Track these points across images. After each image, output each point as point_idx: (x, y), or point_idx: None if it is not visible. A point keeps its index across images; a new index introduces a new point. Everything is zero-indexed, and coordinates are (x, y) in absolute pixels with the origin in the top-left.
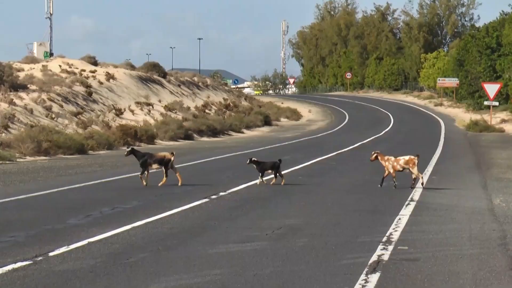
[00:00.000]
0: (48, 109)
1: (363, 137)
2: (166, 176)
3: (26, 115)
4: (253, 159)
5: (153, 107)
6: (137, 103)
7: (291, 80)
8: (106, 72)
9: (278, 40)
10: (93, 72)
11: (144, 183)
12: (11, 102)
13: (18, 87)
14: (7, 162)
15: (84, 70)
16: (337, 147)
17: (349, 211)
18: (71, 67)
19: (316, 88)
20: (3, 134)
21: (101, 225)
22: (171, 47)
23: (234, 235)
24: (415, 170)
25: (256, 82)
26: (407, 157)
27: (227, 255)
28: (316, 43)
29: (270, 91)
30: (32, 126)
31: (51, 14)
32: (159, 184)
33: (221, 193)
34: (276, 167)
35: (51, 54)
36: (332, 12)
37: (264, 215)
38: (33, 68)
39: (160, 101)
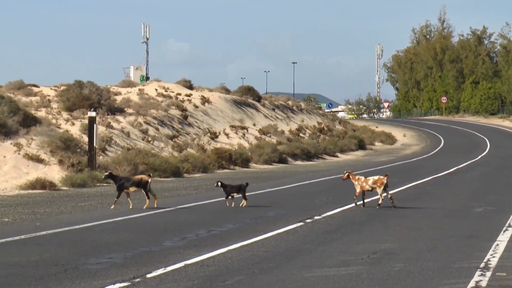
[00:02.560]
0: (145, 132)
1: (459, 161)
2: (148, 197)
3: (123, 138)
4: (219, 182)
5: (247, 131)
6: (232, 126)
7: (386, 104)
8: (201, 95)
9: (373, 63)
10: (189, 95)
11: (113, 206)
12: (109, 125)
13: (116, 110)
14: (105, 184)
15: (179, 94)
16: (432, 171)
17: (445, 236)
18: (167, 91)
19: (411, 112)
20: (101, 157)
21: (197, 247)
22: (265, 71)
23: (330, 259)
24: (379, 190)
25: (350, 106)
26: (376, 177)
27: (323, 279)
28: (411, 66)
29: (364, 115)
30: (129, 149)
31: (147, 39)
32: (144, 207)
33: (316, 217)
34: (242, 190)
35: (147, 78)
36: (427, 36)
37: (359, 239)
38: (130, 92)
39: (254, 124)
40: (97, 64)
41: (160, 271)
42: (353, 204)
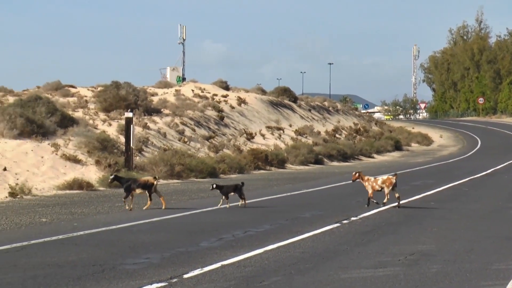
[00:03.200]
0: (181, 133)
1: (496, 163)
2: (150, 199)
3: (160, 138)
4: (215, 185)
5: (283, 132)
6: (268, 127)
7: (422, 105)
8: (238, 96)
9: (409, 64)
10: (225, 96)
11: (127, 207)
12: (145, 126)
13: (152, 111)
14: None
15: (216, 95)
16: (470, 172)
17: (483, 237)
18: (203, 92)
19: (448, 113)
20: (137, 157)
21: (233, 248)
22: (301, 72)
23: (366, 260)
24: (387, 190)
25: (386, 107)
26: (385, 177)
27: (360, 280)
28: (448, 67)
29: (401, 116)
30: (165, 149)
31: (184, 40)
32: (144, 208)
33: (353, 218)
34: (238, 189)
35: (184, 79)
36: (464, 37)
37: (396, 241)
38: (167, 93)
39: (290, 125)
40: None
41: (197, 272)
42: (389, 206)
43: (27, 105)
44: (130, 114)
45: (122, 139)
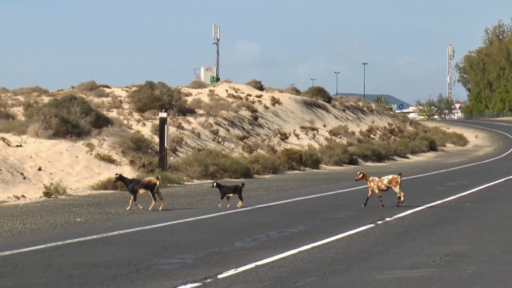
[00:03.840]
0: (215, 133)
1: None
2: (155, 199)
3: (194, 138)
4: (215, 183)
5: (317, 132)
6: (302, 127)
7: (457, 105)
8: (272, 96)
9: (444, 64)
10: (259, 96)
11: (128, 208)
12: (180, 126)
13: (186, 111)
14: (175, 185)
15: (250, 95)
16: (506, 173)
17: None
18: (237, 92)
19: (483, 113)
20: (172, 157)
21: (268, 248)
22: (335, 72)
23: (401, 261)
24: (397, 189)
25: (421, 107)
26: (390, 176)
27: (395, 281)
28: (483, 67)
29: (435, 116)
30: (199, 149)
31: (218, 40)
32: (150, 208)
33: (387, 219)
34: (238, 190)
35: (218, 79)
36: (500, 36)
37: (431, 241)
38: (201, 93)
39: (324, 125)
40: (168, 65)
41: (231, 272)
42: (424, 206)
43: (62, 105)
44: (164, 114)
45: (156, 139)
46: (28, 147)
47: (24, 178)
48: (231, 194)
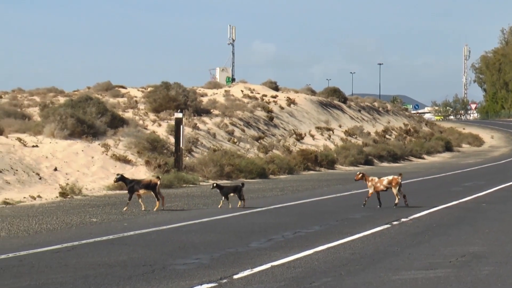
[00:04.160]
0: (230, 133)
1: None
2: (158, 199)
3: (209, 139)
4: (215, 184)
5: (333, 132)
6: (318, 128)
7: (473, 106)
8: (287, 97)
9: (460, 65)
10: (274, 97)
11: (125, 208)
12: (195, 127)
13: (202, 111)
14: (191, 185)
15: (265, 95)
16: None
17: None
18: (252, 92)
19: (499, 113)
20: (187, 158)
21: (283, 249)
22: (351, 72)
23: (417, 261)
24: (395, 190)
25: (436, 108)
26: (390, 177)
27: (410, 282)
28: (499, 68)
29: (451, 117)
30: (215, 150)
31: (233, 40)
32: (154, 209)
33: (403, 219)
34: (238, 190)
35: (233, 79)
36: None
37: (447, 242)
38: (216, 93)
39: (340, 126)
40: (184, 65)
41: (247, 272)
42: (440, 207)
43: (77, 105)
44: (180, 115)
45: (172, 139)
46: (44, 148)
47: (40, 179)
48: (231, 194)
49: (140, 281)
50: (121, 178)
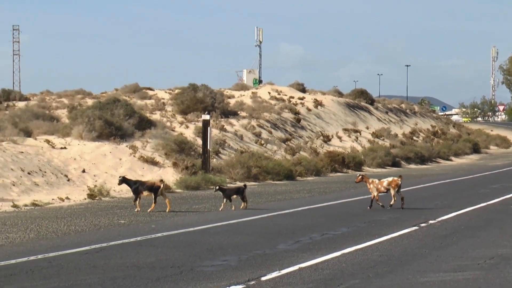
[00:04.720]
0: (258, 135)
1: None
2: (155, 202)
3: (236, 141)
4: (217, 186)
5: (360, 134)
6: (345, 129)
7: (501, 107)
8: (314, 99)
9: (488, 66)
10: (302, 99)
11: (137, 208)
12: (222, 128)
13: (229, 113)
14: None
15: (292, 97)
16: None
17: None
18: (279, 94)
19: None
20: (214, 160)
21: (311, 250)
22: (378, 74)
23: (445, 264)
24: (392, 191)
25: (464, 109)
26: (390, 179)
27: (439, 284)
28: None
29: (479, 118)
30: (242, 151)
31: (260, 42)
32: (149, 210)
33: (431, 221)
34: (241, 192)
35: (260, 81)
36: None
37: (475, 244)
38: (243, 95)
39: (367, 128)
40: (211, 67)
41: (274, 274)
42: (467, 209)
43: (105, 107)
44: (207, 117)
45: (199, 141)
46: (72, 149)
47: (68, 180)
48: (234, 196)
49: (168, 282)
50: (124, 180)
